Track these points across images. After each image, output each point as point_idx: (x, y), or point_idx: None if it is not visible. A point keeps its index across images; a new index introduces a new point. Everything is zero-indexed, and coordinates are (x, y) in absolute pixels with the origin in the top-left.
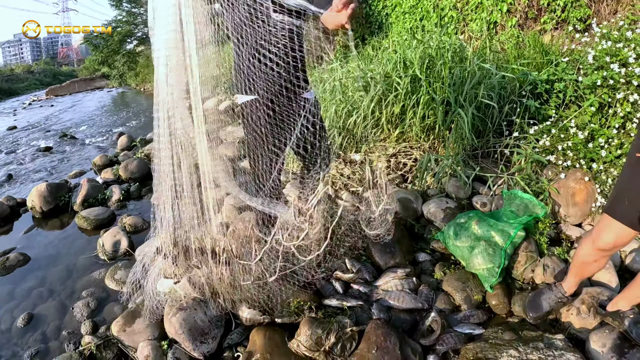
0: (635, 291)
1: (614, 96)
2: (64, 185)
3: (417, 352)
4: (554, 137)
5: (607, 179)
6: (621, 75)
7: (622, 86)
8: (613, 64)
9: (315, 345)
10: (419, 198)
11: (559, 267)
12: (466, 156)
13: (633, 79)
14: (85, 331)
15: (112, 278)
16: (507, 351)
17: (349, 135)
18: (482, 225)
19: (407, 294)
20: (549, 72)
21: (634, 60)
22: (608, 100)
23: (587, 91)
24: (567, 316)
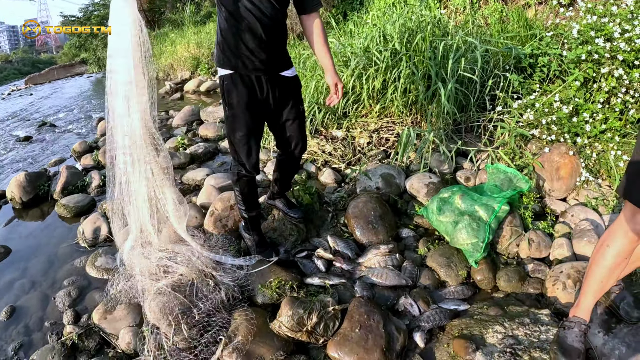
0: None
1: (599, 71)
2: (43, 174)
3: (402, 330)
4: (538, 111)
5: (591, 153)
6: (606, 50)
7: (607, 61)
8: (598, 39)
9: (297, 326)
10: (401, 173)
11: (544, 241)
12: (449, 131)
13: (618, 54)
14: (67, 321)
15: (92, 265)
16: (493, 327)
17: (329, 111)
18: (466, 199)
19: (391, 270)
20: (533, 46)
21: (619, 35)
22: (592, 75)
23: (571, 66)
24: (552, 291)
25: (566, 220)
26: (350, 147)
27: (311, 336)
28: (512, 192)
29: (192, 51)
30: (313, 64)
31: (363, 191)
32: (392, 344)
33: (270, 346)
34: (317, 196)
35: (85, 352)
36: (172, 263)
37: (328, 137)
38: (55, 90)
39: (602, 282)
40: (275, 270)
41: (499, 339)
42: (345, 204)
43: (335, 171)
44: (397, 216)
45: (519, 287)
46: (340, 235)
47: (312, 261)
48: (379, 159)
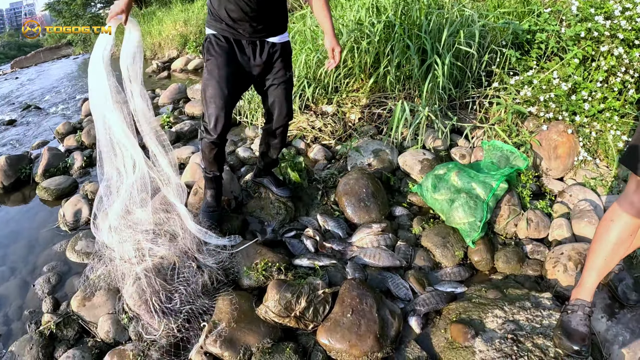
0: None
1: (598, 49)
2: (24, 157)
3: (396, 314)
4: (535, 88)
5: (590, 132)
6: (606, 28)
7: (606, 39)
8: (597, 16)
9: (284, 311)
10: (394, 150)
11: (542, 221)
12: (444, 107)
13: (618, 32)
14: (46, 309)
15: (72, 250)
16: (493, 311)
17: (320, 85)
18: (462, 176)
19: (384, 250)
20: (530, 22)
21: (620, 14)
22: (591, 53)
23: (569, 43)
24: (553, 273)
25: (564, 200)
26: (340, 123)
27: (300, 322)
28: (510, 170)
29: (180, 29)
30: (303, 38)
31: (354, 168)
32: (387, 329)
33: (256, 333)
34: (306, 173)
35: (64, 342)
36: (152, 245)
37: (318, 112)
38: (41, 72)
39: (605, 259)
40: (262, 252)
41: (499, 324)
42: (335, 181)
43: (325, 147)
44: (389, 194)
45: (518, 269)
46: (330, 214)
47: (300, 241)
48: (370, 135)
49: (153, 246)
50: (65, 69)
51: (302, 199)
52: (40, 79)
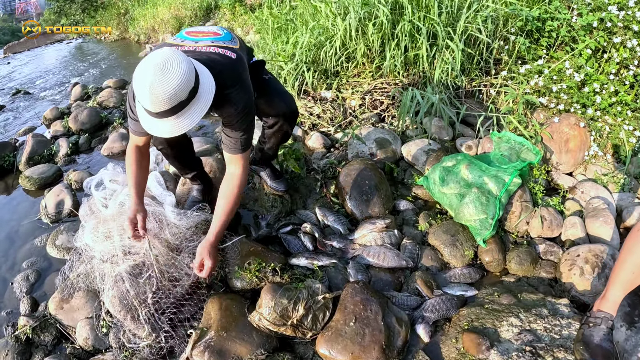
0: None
1: (610, 40)
2: (8, 144)
3: (403, 322)
4: (546, 78)
5: (603, 127)
6: (619, 18)
7: (619, 30)
8: (611, 6)
9: (280, 319)
10: (397, 139)
11: (556, 219)
12: (450, 95)
13: (632, 24)
14: (23, 310)
15: (53, 244)
16: (508, 319)
17: (319, 70)
18: (473, 170)
19: (389, 249)
20: (540, 9)
21: (635, 4)
22: (603, 45)
23: (581, 32)
24: (568, 277)
25: (575, 197)
26: (340, 109)
27: (297, 330)
28: (523, 164)
29: (175, 12)
30: (303, 20)
31: (355, 157)
32: (393, 339)
33: (248, 343)
34: (304, 162)
35: (41, 348)
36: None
37: (316, 98)
38: (33, 58)
39: (634, 272)
40: (255, 249)
41: (515, 334)
42: (335, 171)
43: (324, 135)
44: (393, 186)
45: (531, 271)
46: (329, 207)
47: (297, 237)
48: (371, 123)
49: (136, 243)
50: (58, 54)
51: (299, 190)
52: (32, 64)
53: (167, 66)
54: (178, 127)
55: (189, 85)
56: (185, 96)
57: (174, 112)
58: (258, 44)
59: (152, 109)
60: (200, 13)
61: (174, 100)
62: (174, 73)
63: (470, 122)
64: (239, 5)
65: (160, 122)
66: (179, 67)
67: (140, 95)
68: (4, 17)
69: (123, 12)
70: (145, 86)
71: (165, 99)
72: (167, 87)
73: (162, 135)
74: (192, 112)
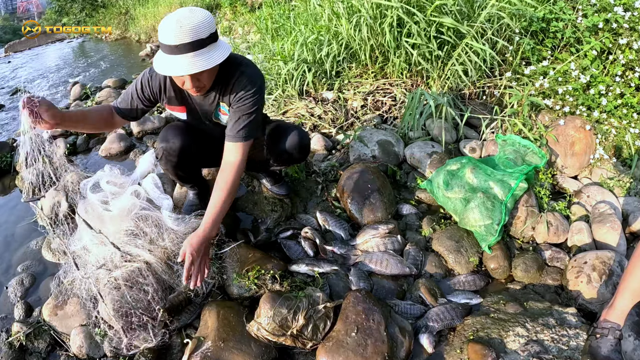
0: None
1: (616, 42)
2: (5, 145)
3: (407, 332)
4: (551, 79)
5: (609, 129)
6: (625, 19)
7: (625, 31)
8: (617, 7)
9: (279, 329)
10: (400, 141)
11: (562, 225)
12: (454, 96)
13: (638, 25)
14: (18, 316)
15: (48, 248)
16: (514, 328)
17: (320, 70)
18: (479, 173)
19: (392, 256)
20: (545, 9)
21: None
22: (608, 46)
23: (586, 34)
24: (575, 284)
25: (581, 201)
26: (342, 111)
27: (297, 340)
28: (529, 168)
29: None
30: (304, 19)
31: (357, 160)
32: (396, 350)
33: (246, 353)
34: (305, 164)
35: (35, 355)
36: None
37: (317, 98)
38: (34, 57)
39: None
40: (254, 255)
41: (521, 345)
42: (336, 174)
43: (325, 136)
44: (395, 189)
45: (537, 278)
46: (331, 212)
47: (298, 243)
48: (374, 124)
49: (133, 248)
50: (59, 53)
51: (300, 193)
52: (33, 63)
53: (195, 9)
54: (193, 64)
55: (210, 27)
56: (206, 35)
57: (193, 48)
58: (258, 44)
59: (175, 41)
60: None
61: (195, 33)
62: (199, 13)
63: (475, 124)
64: (240, 5)
65: (177, 58)
66: (205, 11)
67: (165, 29)
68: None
69: (124, 11)
70: (172, 20)
71: (188, 30)
72: (192, 19)
73: (176, 73)
74: (209, 55)
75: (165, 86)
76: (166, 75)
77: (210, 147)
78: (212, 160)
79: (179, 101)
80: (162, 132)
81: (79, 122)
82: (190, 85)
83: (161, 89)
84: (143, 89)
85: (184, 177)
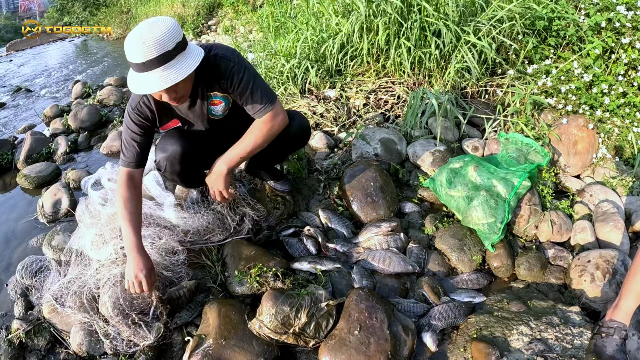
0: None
1: (618, 41)
2: (6, 142)
3: (410, 330)
4: (554, 78)
5: (612, 128)
6: (628, 19)
7: (627, 30)
8: (619, 6)
9: (282, 327)
10: (402, 139)
11: (565, 223)
12: (456, 95)
13: None
14: (17, 313)
15: (49, 245)
16: (517, 327)
17: (322, 67)
18: (482, 172)
19: (395, 254)
20: (547, 8)
21: None
22: (611, 45)
23: (589, 32)
24: (579, 283)
25: (584, 200)
26: (344, 109)
27: (299, 338)
28: (532, 166)
29: (177, 10)
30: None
31: (359, 158)
32: (399, 348)
33: (248, 351)
34: (307, 162)
35: (35, 352)
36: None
37: (320, 97)
38: (36, 55)
39: None
40: (256, 253)
41: (525, 343)
42: (338, 172)
43: (328, 135)
44: (398, 187)
45: (540, 277)
46: (333, 210)
47: (300, 241)
48: (376, 122)
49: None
50: (61, 51)
51: (302, 191)
52: (34, 61)
53: (157, 20)
54: (164, 79)
55: (175, 36)
56: (172, 46)
57: (161, 62)
58: (260, 42)
59: (141, 58)
60: (203, 11)
61: (160, 47)
62: (162, 23)
63: (477, 122)
64: (241, 4)
65: (147, 75)
66: (168, 20)
67: (130, 48)
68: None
69: (125, 10)
70: (136, 36)
71: (153, 45)
72: (155, 33)
73: (149, 91)
74: (179, 66)
75: (150, 109)
76: (141, 94)
77: (210, 144)
78: (215, 157)
79: (169, 116)
80: (158, 143)
81: (140, 225)
82: (168, 98)
83: (153, 114)
84: (137, 124)
85: (190, 182)
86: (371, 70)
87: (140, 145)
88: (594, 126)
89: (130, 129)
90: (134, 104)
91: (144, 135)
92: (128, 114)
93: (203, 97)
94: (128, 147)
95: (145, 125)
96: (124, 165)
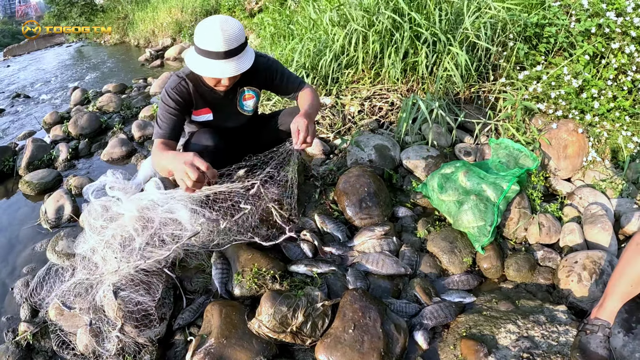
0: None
1: (608, 46)
2: (7, 149)
3: (402, 329)
4: (544, 84)
5: (602, 132)
6: (617, 24)
7: (617, 36)
8: (609, 12)
9: (280, 326)
10: (396, 145)
11: (554, 226)
12: (449, 101)
13: (630, 30)
14: (23, 316)
15: (53, 250)
16: (505, 325)
17: (318, 76)
18: (471, 177)
19: (388, 256)
20: (539, 15)
21: (633, 10)
22: (601, 50)
23: (579, 38)
24: (566, 283)
25: (574, 203)
26: (339, 116)
27: (297, 337)
28: (521, 170)
29: (175, 16)
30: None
31: (354, 164)
32: (392, 346)
33: (248, 350)
34: (303, 168)
35: (42, 354)
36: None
37: None
38: (33, 61)
39: (632, 285)
40: (254, 256)
41: (512, 341)
42: (334, 178)
43: (323, 141)
44: (391, 192)
45: (529, 277)
46: (329, 215)
47: (296, 244)
48: (371, 129)
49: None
50: (58, 57)
51: (299, 197)
52: (32, 67)
53: (226, 17)
54: (240, 66)
55: (243, 33)
56: (243, 40)
57: (238, 52)
58: (257, 48)
59: (225, 47)
60: (201, 17)
61: (239, 39)
62: (234, 21)
63: (469, 128)
64: (238, 10)
65: (227, 62)
66: (234, 19)
67: (211, 39)
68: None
69: (123, 16)
70: (217, 30)
71: (234, 38)
72: (235, 28)
73: (230, 74)
74: (246, 57)
75: (190, 93)
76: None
77: (235, 144)
78: (242, 151)
79: (203, 104)
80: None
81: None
82: (229, 83)
83: (190, 96)
84: (178, 104)
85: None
86: (366, 78)
87: (176, 122)
88: (584, 130)
89: (169, 104)
90: (174, 84)
91: (180, 112)
92: (167, 93)
93: (235, 91)
94: (164, 120)
95: (183, 104)
96: (158, 137)
